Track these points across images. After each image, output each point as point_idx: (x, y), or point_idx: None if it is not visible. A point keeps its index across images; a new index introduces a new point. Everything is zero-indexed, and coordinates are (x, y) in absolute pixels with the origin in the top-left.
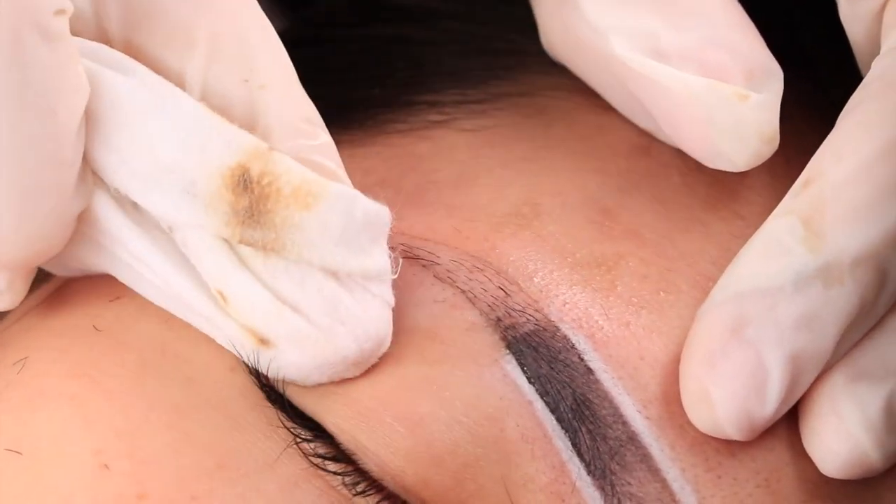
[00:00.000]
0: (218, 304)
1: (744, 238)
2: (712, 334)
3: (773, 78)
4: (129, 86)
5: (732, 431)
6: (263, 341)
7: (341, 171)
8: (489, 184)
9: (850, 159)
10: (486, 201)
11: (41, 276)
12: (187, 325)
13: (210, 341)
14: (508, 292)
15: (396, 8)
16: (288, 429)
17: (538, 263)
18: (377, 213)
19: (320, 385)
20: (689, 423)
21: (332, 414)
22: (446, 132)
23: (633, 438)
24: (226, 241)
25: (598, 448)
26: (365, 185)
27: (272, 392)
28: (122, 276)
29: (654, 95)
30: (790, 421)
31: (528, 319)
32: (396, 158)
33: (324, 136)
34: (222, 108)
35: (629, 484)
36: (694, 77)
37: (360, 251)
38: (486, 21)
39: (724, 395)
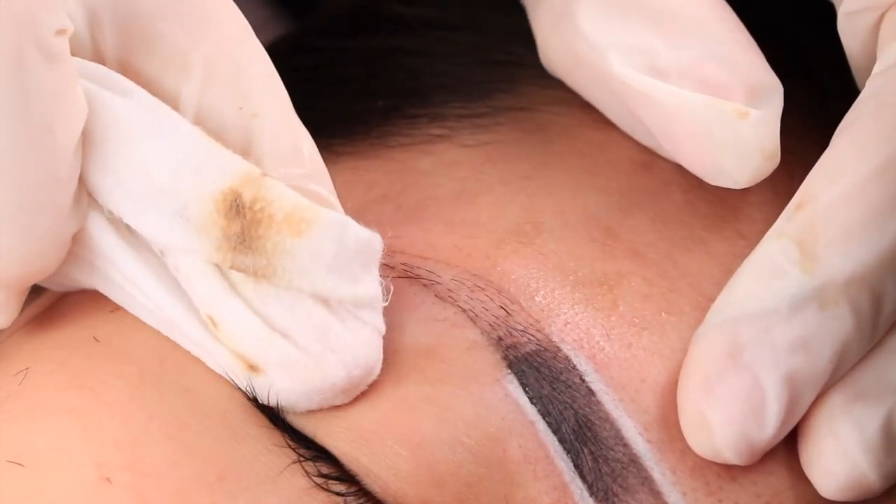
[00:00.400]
0: (209, 329)
1: (745, 258)
2: (708, 359)
3: (773, 94)
4: (126, 107)
5: (732, 456)
6: (253, 367)
7: (334, 199)
8: (490, 201)
9: (844, 180)
10: (487, 219)
11: (35, 288)
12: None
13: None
14: (510, 311)
15: (397, 19)
16: (292, 448)
17: (540, 282)
18: (369, 240)
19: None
20: (689, 447)
21: (333, 437)
22: (448, 147)
23: (634, 461)
24: (217, 266)
25: (600, 469)
26: (367, 200)
27: (272, 414)
28: (115, 297)
29: (653, 113)
30: (790, 444)
31: (529, 339)
32: (398, 173)
33: (317, 163)
34: (216, 134)
35: None
36: (693, 94)
37: (351, 278)
38: (487, 32)
39: (722, 420)
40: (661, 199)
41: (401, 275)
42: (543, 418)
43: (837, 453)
